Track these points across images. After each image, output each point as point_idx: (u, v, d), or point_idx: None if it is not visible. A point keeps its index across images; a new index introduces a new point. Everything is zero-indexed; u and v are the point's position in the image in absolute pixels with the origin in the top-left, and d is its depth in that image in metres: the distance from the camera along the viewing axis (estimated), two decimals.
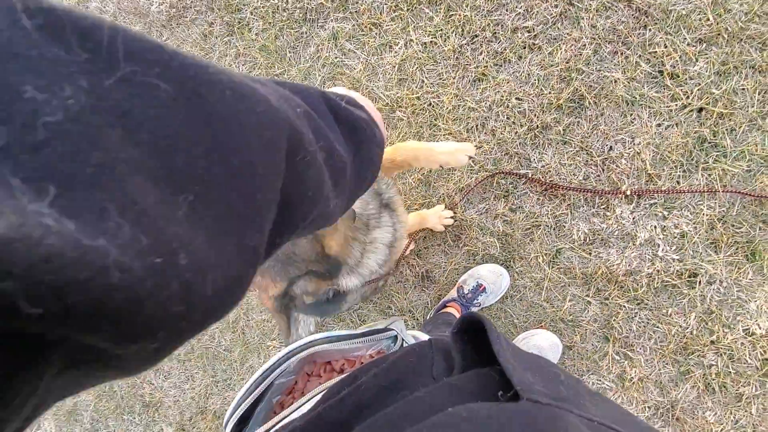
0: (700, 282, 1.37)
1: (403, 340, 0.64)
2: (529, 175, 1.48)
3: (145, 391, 1.87)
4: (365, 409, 0.41)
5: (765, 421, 1.33)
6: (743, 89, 1.32)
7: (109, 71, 0.20)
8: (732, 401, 1.36)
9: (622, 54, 1.41)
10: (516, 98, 1.48)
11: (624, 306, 1.42)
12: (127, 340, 0.20)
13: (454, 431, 0.31)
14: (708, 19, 1.34)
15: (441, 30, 1.53)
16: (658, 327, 1.41)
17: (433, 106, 1.55)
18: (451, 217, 1.54)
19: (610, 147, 1.42)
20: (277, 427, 0.48)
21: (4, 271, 0.14)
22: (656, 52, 1.38)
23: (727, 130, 1.34)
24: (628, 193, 1.39)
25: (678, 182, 1.38)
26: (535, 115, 1.47)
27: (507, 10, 1.47)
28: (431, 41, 1.54)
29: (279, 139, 0.28)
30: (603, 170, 1.43)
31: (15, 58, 0.16)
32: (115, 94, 0.19)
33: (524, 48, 1.48)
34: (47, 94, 0.17)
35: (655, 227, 1.40)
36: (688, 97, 1.36)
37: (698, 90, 1.35)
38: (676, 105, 1.37)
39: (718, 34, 1.34)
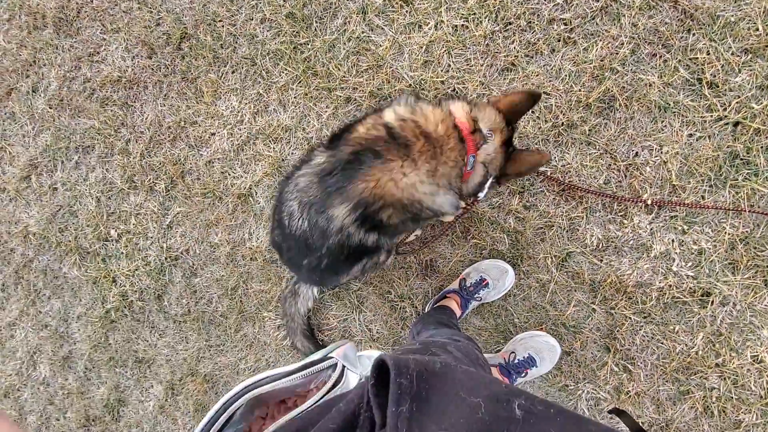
0: (712, 302, 1.32)
1: (344, 368, 0.61)
2: (548, 173, 1.43)
3: (139, 347, 1.89)
4: None
5: None
6: None
7: None
8: (730, 427, 1.32)
9: (660, 57, 1.34)
10: (544, 92, 1.43)
11: (630, 318, 1.38)
12: None
13: None
14: (757, 29, 1.27)
15: (474, 14, 1.48)
16: (662, 343, 1.37)
17: (456, 92, 1.51)
18: (463, 208, 1.50)
19: (636, 153, 1.37)
20: None
21: None
22: (697, 58, 1.31)
23: (762, 148, 1.28)
24: (649, 202, 1.34)
25: (703, 197, 1.33)
26: (561, 111, 1.42)
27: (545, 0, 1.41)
28: (463, 25, 1.49)
29: None
30: (625, 176, 1.38)
31: None
32: None
33: (559, 41, 1.42)
34: None
35: (673, 241, 1.35)
36: (725, 109, 1.30)
37: (737, 103, 1.29)
38: (712, 116, 1.31)
39: (767, 46, 1.27)
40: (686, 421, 1.35)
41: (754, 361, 1.30)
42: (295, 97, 1.66)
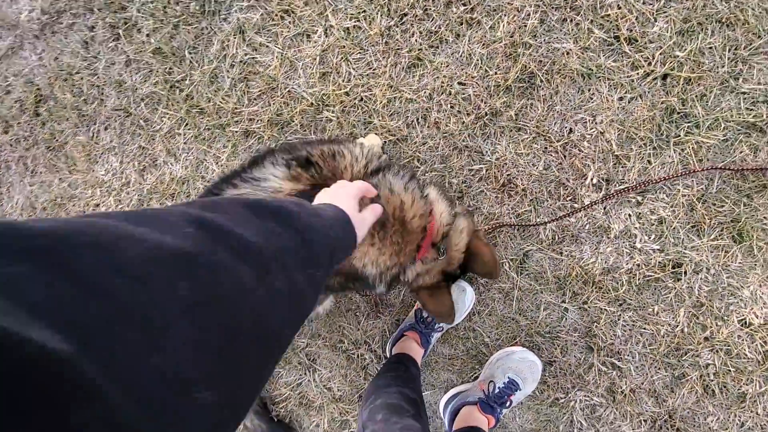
0: (685, 272, 1.20)
1: None
2: (483, 171, 1.27)
3: None
4: None
5: None
6: (710, 48, 1.16)
7: None
8: (735, 402, 1.20)
9: (571, 21, 1.22)
10: (458, 83, 1.27)
11: (605, 309, 1.24)
12: None
13: None
14: None
15: (364, 11, 1.30)
16: (645, 329, 1.23)
17: (365, 101, 1.32)
18: None
19: (570, 129, 1.23)
20: None
21: None
22: (609, 15, 1.20)
23: (696, 96, 1.17)
24: (595, 180, 1.20)
25: (649, 162, 1.21)
26: (482, 100, 1.27)
27: None
28: (354, 25, 1.31)
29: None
30: (565, 156, 1.24)
31: None
32: None
33: (461, 24, 1.27)
34: None
35: (630, 216, 1.22)
36: (650, 64, 1.19)
37: (660, 54, 1.18)
38: (638, 74, 1.19)
39: None
40: (689, 407, 1.22)
41: (742, 325, 1.19)
42: (185, 143, 1.42)
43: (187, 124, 1.41)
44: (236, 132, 1.38)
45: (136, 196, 1.45)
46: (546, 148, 1.25)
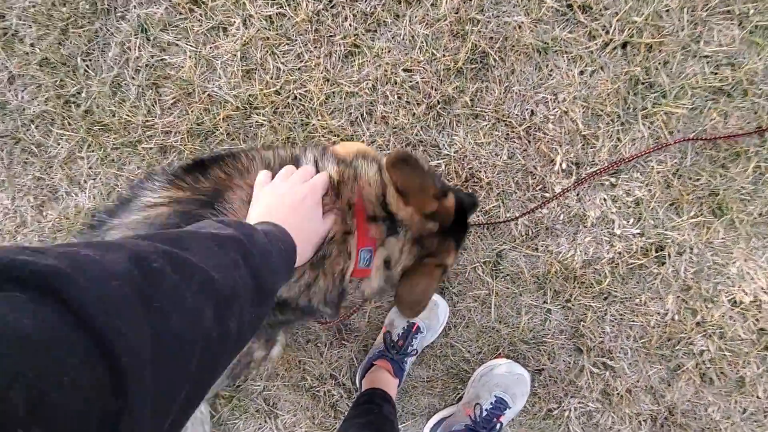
0: (669, 255, 1.11)
1: None
2: (443, 167, 1.13)
3: None
4: None
5: None
6: (668, 10, 1.06)
7: None
8: (734, 388, 1.12)
9: None
10: (404, 70, 1.12)
11: (590, 305, 1.13)
12: None
13: None
14: None
15: None
16: (634, 321, 1.13)
17: (299, 100, 1.15)
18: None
19: (531, 111, 1.11)
20: None
21: None
22: None
23: (660, 64, 1.08)
24: (564, 165, 1.09)
25: (619, 139, 1.10)
26: (432, 87, 1.12)
27: None
28: (278, 13, 1.13)
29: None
30: (529, 142, 1.12)
31: None
32: None
33: (399, 3, 1.12)
34: None
35: (605, 200, 1.11)
36: (607, 32, 1.08)
37: (618, 21, 1.08)
38: (596, 44, 1.09)
39: None
40: (688, 400, 1.13)
41: (732, 305, 1.10)
42: (89, 168, 1.19)
43: (89, 146, 1.18)
44: (150, 149, 1.17)
45: (36, 238, 1.20)
46: (508, 134, 1.12)
